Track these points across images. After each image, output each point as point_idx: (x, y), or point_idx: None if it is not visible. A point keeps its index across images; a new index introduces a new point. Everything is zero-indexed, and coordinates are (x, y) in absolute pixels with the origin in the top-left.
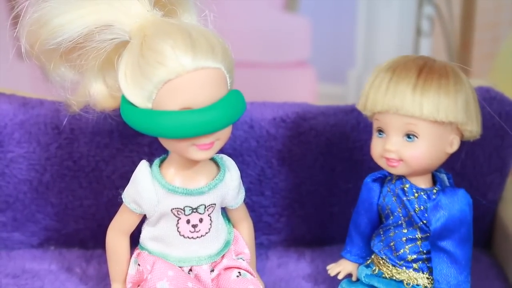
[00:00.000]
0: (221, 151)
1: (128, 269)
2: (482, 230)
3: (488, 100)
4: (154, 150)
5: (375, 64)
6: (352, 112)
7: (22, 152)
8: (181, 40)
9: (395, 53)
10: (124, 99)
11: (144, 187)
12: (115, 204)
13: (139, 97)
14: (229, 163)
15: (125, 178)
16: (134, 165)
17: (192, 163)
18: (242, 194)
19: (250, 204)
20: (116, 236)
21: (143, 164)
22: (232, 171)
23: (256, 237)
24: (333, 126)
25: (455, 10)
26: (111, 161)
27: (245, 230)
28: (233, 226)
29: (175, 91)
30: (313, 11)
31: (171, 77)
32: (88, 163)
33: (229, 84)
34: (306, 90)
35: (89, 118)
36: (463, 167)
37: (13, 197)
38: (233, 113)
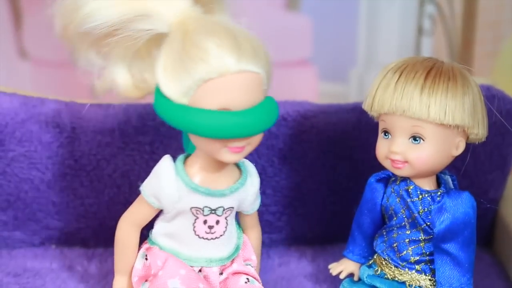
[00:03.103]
0: None
1: (134, 263)
2: (483, 229)
3: (489, 98)
4: (155, 149)
5: (377, 63)
6: (353, 111)
7: (23, 151)
8: (227, 40)
9: (397, 52)
10: (158, 92)
11: (167, 182)
12: (116, 202)
13: (176, 92)
14: (251, 168)
15: (126, 177)
16: (136, 164)
17: (218, 164)
18: (258, 201)
19: None
20: (129, 227)
21: (168, 159)
22: (253, 176)
23: None
24: (334, 125)
25: (457, 9)
26: (112, 160)
27: (254, 236)
28: (243, 232)
29: (215, 90)
30: (315, 10)
31: (213, 76)
32: (90, 162)
33: (265, 90)
34: (307, 89)
35: (91, 117)
36: (464, 166)
37: (14, 196)
38: (269, 119)
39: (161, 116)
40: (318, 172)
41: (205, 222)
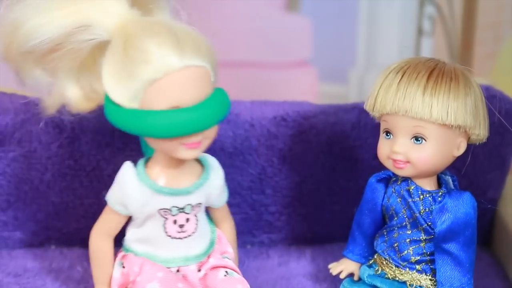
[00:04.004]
0: (222, 150)
1: (112, 272)
2: (482, 228)
3: (488, 98)
4: None
5: (377, 64)
6: (352, 111)
7: (23, 151)
8: (167, 38)
9: (397, 53)
10: (108, 99)
11: (131, 188)
12: None
13: (125, 97)
14: (213, 162)
15: None
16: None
17: (178, 162)
18: (225, 193)
19: (251, 202)
20: (101, 239)
21: (128, 165)
22: (216, 170)
23: (256, 236)
24: (334, 125)
25: (457, 10)
26: (112, 160)
27: (227, 229)
28: (215, 226)
29: (163, 90)
30: (315, 11)
31: (159, 76)
32: (89, 162)
33: (213, 82)
34: (307, 90)
35: (90, 117)
36: (463, 165)
37: (14, 196)
38: (221, 111)
39: (114, 123)
40: (318, 172)
41: (175, 222)
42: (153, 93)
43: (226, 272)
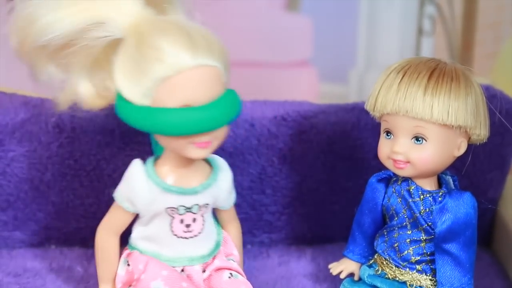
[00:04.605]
0: (222, 149)
1: (117, 270)
2: (482, 228)
3: (489, 98)
4: None
5: (377, 63)
6: (352, 110)
7: (23, 151)
8: (181, 37)
9: (397, 53)
10: (119, 96)
11: (139, 185)
12: None
13: (137, 94)
14: (222, 163)
15: None
16: None
17: (187, 162)
18: (233, 195)
19: (251, 202)
20: (107, 235)
21: (137, 163)
22: (225, 171)
23: (257, 236)
24: (334, 125)
25: (457, 10)
26: (112, 159)
27: (233, 231)
28: (222, 228)
29: (175, 88)
30: (315, 11)
31: (171, 74)
32: (89, 162)
33: (224, 83)
34: (307, 90)
35: (91, 117)
36: (463, 165)
37: (14, 196)
38: (232, 112)
39: (125, 120)
40: (318, 172)
41: (181, 221)
42: (165, 91)
43: (231, 274)
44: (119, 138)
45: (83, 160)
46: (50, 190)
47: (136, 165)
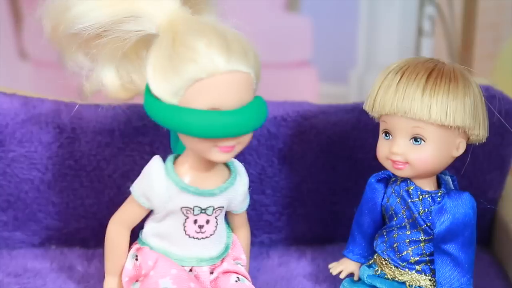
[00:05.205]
0: None
1: (124, 263)
2: (482, 228)
3: (488, 99)
4: (155, 149)
5: (377, 64)
6: (352, 111)
7: (24, 151)
8: (217, 40)
9: (397, 53)
10: (148, 92)
11: (157, 182)
12: (116, 203)
13: (166, 92)
14: (240, 168)
15: (126, 177)
16: (136, 164)
17: (208, 164)
18: (247, 200)
19: (251, 202)
20: (119, 228)
21: (157, 159)
22: (242, 176)
23: (257, 236)
24: (334, 125)
25: (457, 10)
26: (112, 160)
27: (243, 236)
28: (232, 231)
29: (205, 90)
30: (315, 11)
31: (203, 76)
32: (90, 162)
33: (254, 90)
34: (307, 90)
35: (91, 117)
36: (463, 165)
37: (15, 196)
38: (258, 119)
39: (151, 116)
40: (318, 172)
41: (195, 221)
42: (195, 92)
43: (238, 278)
44: (119, 139)
45: (83, 160)
46: (51, 191)
47: (156, 161)
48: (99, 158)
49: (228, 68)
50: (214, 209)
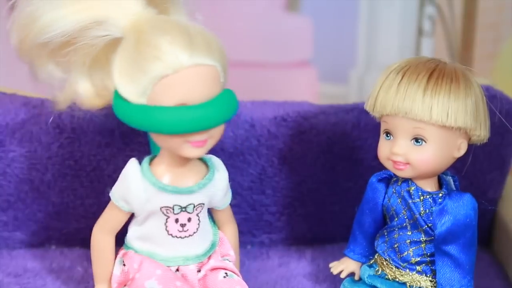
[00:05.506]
0: (222, 150)
1: (112, 270)
2: (482, 229)
3: (488, 99)
4: None
5: (377, 64)
6: (352, 111)
7: (24, 152)
8: (179, 36)
9: (397, 53)
10: (117, 94)
11: (134, 184)
12: None
13: (134, 92)
14: (217, 163)
15: None
16: None
17: (183, 161)
18: (229, 195)
19: (251, 203)
20: (103, 235)
21: (133, 162)
22: (221, 171)
23: (257, 236)
24: (334, 125)
25: (457, 10)
26: (112, 160)
27: (230, 232)
28: (218, 228)
29: (171, 86)
30: (315, 11)
31: (168, 73)
32: (90, 162)
33: (222, 83)
34: (307, 90)
35: (90, 117)
36: (463, 166)
37: (15, 197)
38: (228, 111)
39: (121, 118)
40: (318, 172)
41: (176, 220)
42: (161, 89)
43: (226, 273)
44: (119, 139)
45: (83, 160)
46: (50, 191)
47: (131, 164)
48: (99, 158)
49: (192, 62)
50: (194, 207)
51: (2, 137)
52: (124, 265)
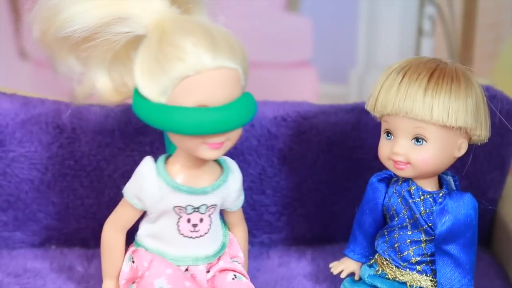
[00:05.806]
0: None
1: (121, 266)
2: (482, 228)
3: (488, 99)
4: (156, 149)
5: (377, 64)
6: (352, 111)
7: (24, 152)
8: (203, 38)
9: (397, 53)
10: (136, 92)
11: (149, 182)
12: (116, 203)
13: (154, 92)
14: (232, 165)
15: (127, 177)
16: (136, 164)
17: (198, 162)
18: (242, 198)
19: (251, 202)
20: (114, 231)
21: (149, 160)
22: (235, 173)
23: (257, 236)
24: (334, 125)
25: (457, 10)
26: (112, 160)
27: (240, 234)
28: (228, 229)
29: (192, 88)
30: (315, 11)
31: (190, 74)
32: (90, 162)
33: (242, 86)
34: (307, 90)
35: (91, 117)
36: (464, 166)
37: (15, 197)
38: (247, 115)
39: (140, 116)
40: (318, 172)
41: (188, 220)
42: (182, 90)
43: (235, 275)
44: (119, 139)
45: (84, 160)
46: (51, 191)
47: (147, 162)
48: (99, 158)
49: (214, 64)
50: (207, 207)
51: (2, 137)
52: (133, 262)
